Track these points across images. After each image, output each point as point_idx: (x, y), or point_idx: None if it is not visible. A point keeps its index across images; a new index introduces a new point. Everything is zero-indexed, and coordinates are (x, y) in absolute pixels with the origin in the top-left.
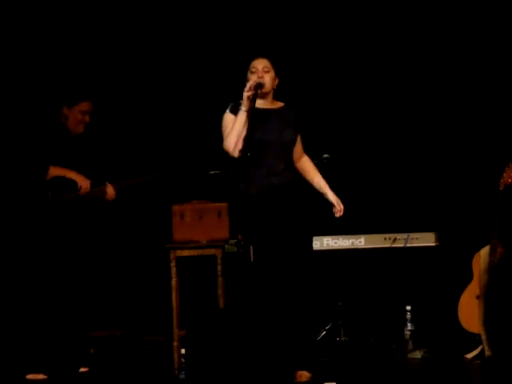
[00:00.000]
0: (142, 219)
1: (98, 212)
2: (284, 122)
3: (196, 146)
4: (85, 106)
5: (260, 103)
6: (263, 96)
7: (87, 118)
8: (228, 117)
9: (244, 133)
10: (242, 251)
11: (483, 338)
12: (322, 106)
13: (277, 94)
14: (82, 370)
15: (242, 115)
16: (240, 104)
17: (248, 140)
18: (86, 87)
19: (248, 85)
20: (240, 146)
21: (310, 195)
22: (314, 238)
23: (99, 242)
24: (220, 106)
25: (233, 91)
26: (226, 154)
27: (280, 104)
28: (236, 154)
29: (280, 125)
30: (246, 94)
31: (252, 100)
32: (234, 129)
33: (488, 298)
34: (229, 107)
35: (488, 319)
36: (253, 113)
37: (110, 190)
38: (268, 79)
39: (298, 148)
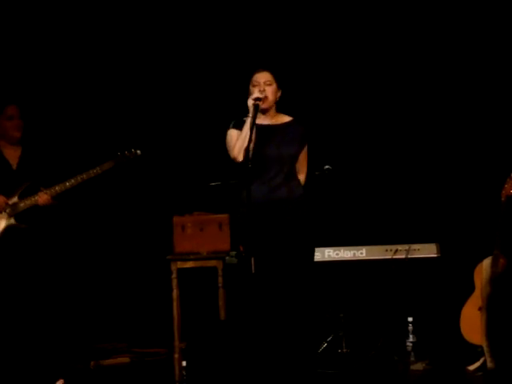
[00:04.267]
0: (143, 231)
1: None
2: (286, 138)
3: (197, 158)
4: (9, 111)
5: (261, 119)
6: (265, 111)
7: (17, 122)
8: (232, 132)
9: (246, 143)
10: (243, 262)
11: (485, 349)
12: (324, 118)
13: (278, 106)
14: (59, 383)
15: (248, 121)
16: (241, 120)
17: (248, 152)
18: (6, 93)
19: (253, 96)
20: (245, 153)
21: (312, 207)
22: (316, 250)
23: (99, 254)
24: (221, 118)
25: (234, 102)
26: (227, 164)
27: (285, 118)
28: (241, 160)
29: (281, 140)
30: (250, 101)
31: (255, 110)
32: (242, 135)
33: (490, 309)
34: (232, 123)
35: (491, 330)
36: (253, 127)
37: (42, 196)
38: (270, 92)
39: (300, 162)
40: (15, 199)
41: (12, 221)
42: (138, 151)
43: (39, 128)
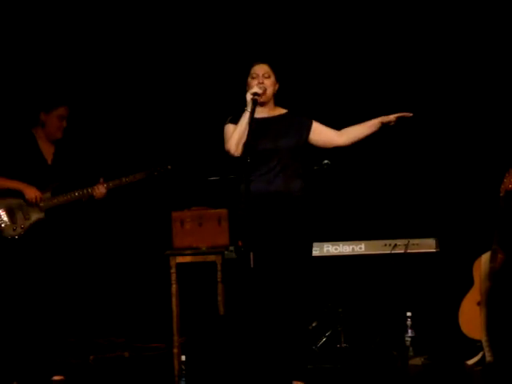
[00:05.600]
0: (142, 226)
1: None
2: (283, 130)
3: (196, 153)
4: (62, 111)
5: (259, 112)
6: (263, 104)
7: (64, 123)
8: (229, 126)
9: (245, 138)
10: (242, 257)
11: (484, 344)
12: (322, 112)
13: (277, 99)
14: (56, 378)
15: (246, 115)
16: (239, 116)
17: (247, 146)
18: (62, 92)
19: (252, 90)
20: (242, 146)
21: (311, 202)
22: (315, 245)
23: (98, 249)
24: (220, 112)
25: (232, 96)
26: (226, 159)
27: (281, 111)
28: (237, 153)
29: (279, 133)
30: (249, 96)
31: (254, 104)
32: (237, 128)
33: (490, 304)
34: (228, 119)
35: (490, 325)
36: (252, 121)
37: (100, 188)
38: (268, 85)
39: (327, 133)
40: (48, 194)
41: (42, 215)
42: (169, 166)
43: (74, 130)
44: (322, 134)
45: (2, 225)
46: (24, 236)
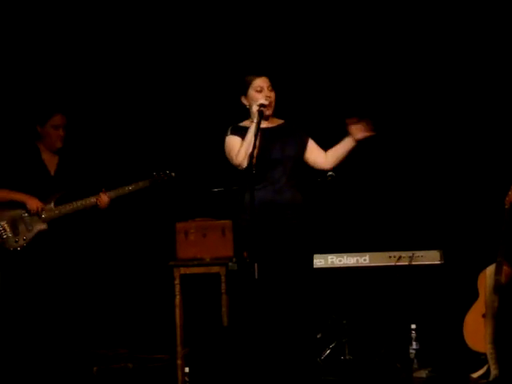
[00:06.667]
0: (146, 236)
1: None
2: (286, 140)
3: (200, 164)
4: (56, 120)
5: (262, 123)
6: (268, 117)
7: (61, 132)
8: (231, 138)
9: (251, 149)
10: (247, 268)
11: (489, 357)
12: (325, 124)
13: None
14: None
15: (253, 126)
16: (239, 126)
17: (253, 157)
18: (54, 102)
19: (259, 102)
20: (249, 158)
21: (314, 213)
22: (319, 256)
23: (101, 260)
24: (223, 123)
25: (233, 108)
26: (230, 170)
27: (279, 121)
28: (245, 165)
29: (282, 142)
30: (255, 107)
31: (260, 115)
32: (246, 141)
33: (498, 317)
34: (229, 130)
35: (498, 338)
36: (257, 133)
37: (104, 198)
38: (273, 98)
39: (317, 153)
40: (51, 205)
41: (45, 226)
42: (173, 173)
43: (77, 139)
44: (313, 152)
45: (4, 236)
46: (27, 247)
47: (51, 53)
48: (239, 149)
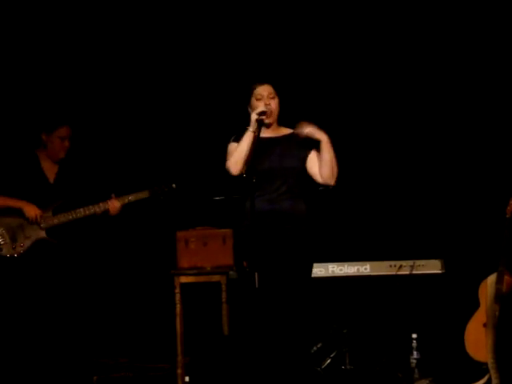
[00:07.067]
0: (146, 245)
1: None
2: (289, 150)
3: (200, 172)
4: (63, 131)
5: (264, 131)
6: (269, 125)
7: (67, 143)
8: (231, 145)
9: (249, 157)
10: (247, 277)
11: (491, 366)
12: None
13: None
14: None
15: (249, 135)
16: (242, 135)
17: (252, 166)
18: (63, 113)
19: (258, 109)
20: (240, 165)
21: (315, 223)
22: (319, 265)
23: (101, 269)
24: (225, 132)
25: (236, 115)
26: (230, 179)
27: (286, 131)
28: (236, 172)
29: (284, 153)
30: (254, 116)
31: (259, 124)
32: (239, 147)
33: (499, 327)
34: (232, 138)
35: (499, 348)
36: (257, 142)
37: (115, 203)
38: (274, 105)
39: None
40: (49, 213)
41: (43, 234)
42: (174, 185)
43: (78, 148)
44: (315, 166)
45: (2, 243)
46: (25, 255)
47: (57, 61)
48: (233, 154)
